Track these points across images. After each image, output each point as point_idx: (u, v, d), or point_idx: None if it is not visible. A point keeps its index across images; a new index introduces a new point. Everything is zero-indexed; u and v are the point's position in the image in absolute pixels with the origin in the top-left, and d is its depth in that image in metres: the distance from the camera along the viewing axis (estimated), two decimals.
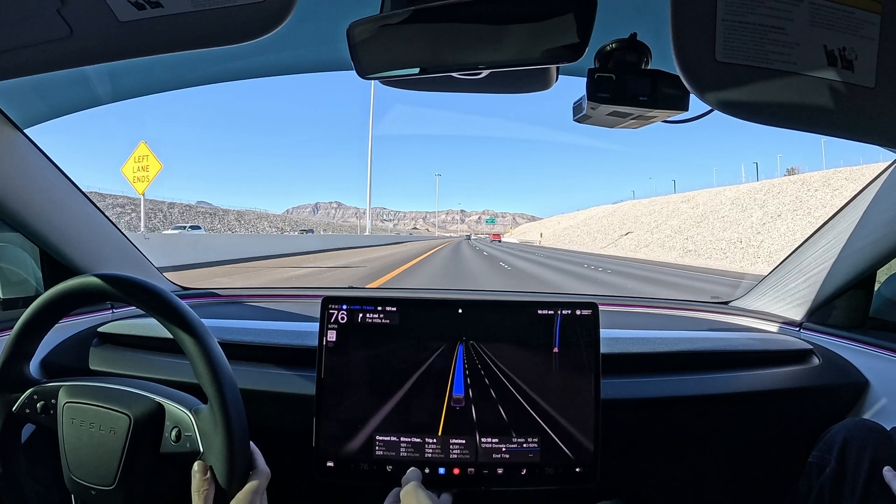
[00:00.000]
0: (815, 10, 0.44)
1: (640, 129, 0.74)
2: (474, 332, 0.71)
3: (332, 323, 0.72)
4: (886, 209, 0.87)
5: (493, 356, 0.71)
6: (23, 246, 1.01)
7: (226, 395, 0.53)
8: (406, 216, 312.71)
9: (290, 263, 11.01)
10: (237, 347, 0.88)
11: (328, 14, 0.79)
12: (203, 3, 0.44)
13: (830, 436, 0.75)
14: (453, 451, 0.69)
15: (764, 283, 1.22)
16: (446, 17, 0.51)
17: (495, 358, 0.71)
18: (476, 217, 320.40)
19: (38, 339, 0.63)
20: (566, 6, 0.48)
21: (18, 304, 0.99)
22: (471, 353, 0.71)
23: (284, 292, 1.43)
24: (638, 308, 1.33)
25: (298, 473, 0.81)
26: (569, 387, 0.70)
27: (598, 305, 0.73)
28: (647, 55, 0.65)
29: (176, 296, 0.56)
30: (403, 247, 29.53)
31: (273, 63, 1.02)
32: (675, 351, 0.91)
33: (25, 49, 0.49)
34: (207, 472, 0.53)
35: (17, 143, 0.85)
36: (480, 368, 0.71)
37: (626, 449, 0.91)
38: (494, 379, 0.70)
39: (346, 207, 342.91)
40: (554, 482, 0.69)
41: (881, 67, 0.46)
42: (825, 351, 0.97)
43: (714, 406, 0.88)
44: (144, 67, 0.94)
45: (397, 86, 0.66)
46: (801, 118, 0.48)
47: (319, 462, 0.70)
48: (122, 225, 8.20)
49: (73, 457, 0.56)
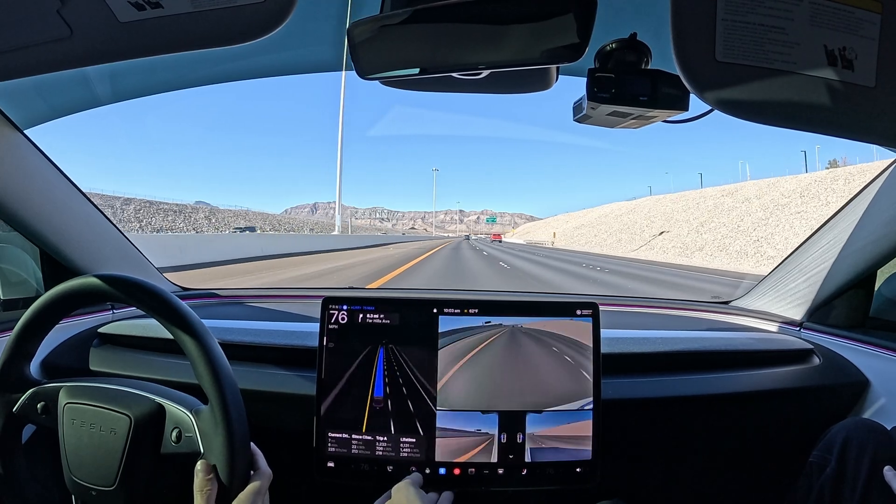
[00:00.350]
0: (816, 10, 0.44)
1: (652, 125, 0.73)
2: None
3: (332, 323, 0.72)
4: (886, 209, 0.87)
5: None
6: (23, 246, 1.01)
7: (226, 395, 0.53)
8: (405, 216, 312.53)
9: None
10: (237, 348, 0.88)
11: (328, 14, 0.79)
12: (203, 3, 0.44)
13: (831, 435, 0.75)
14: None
15: (764, 283, 1.22)
16: (446, 17, 0.51)
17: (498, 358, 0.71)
18: (475, 217, 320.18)
19: (39, 340, 0.63)
20: (566, 6, 0.48)
21: (19, 304, 0.99)
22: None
23: (284, 293, 1.43)
24: (638, 308, 1.33)
25: (299, 473, 0.81)
26: (569, 387, 0.70)
27: (598, 305, 0.73)
28: (647, 55, 0.65)
29: (176, 296, 0.56)
30: (379, 252, 20.12)
31: (273, 63, 1.03)
32: (676, 351, 0.91)
33: (26, 49, 0.49)
34: (211, 473, 0.53)
35: (17, 143, 0.85)
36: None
37: (627, 449, 0.91)
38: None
39: (345, 207, 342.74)
40: (554, 482, 0.69)
41: (881, 67, 0.46)
42: (826, 350, 0.97)
43: (714, 406, 0.87)
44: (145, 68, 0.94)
45: (397, 86, 0.66)
46: (802, 118, 0.48)
47: (320, 462, 0.70)
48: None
49: (74, 457, 0.56)
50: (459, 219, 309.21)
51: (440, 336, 0.71)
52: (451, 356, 0.71)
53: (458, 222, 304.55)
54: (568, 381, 0.71)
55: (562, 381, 0.71)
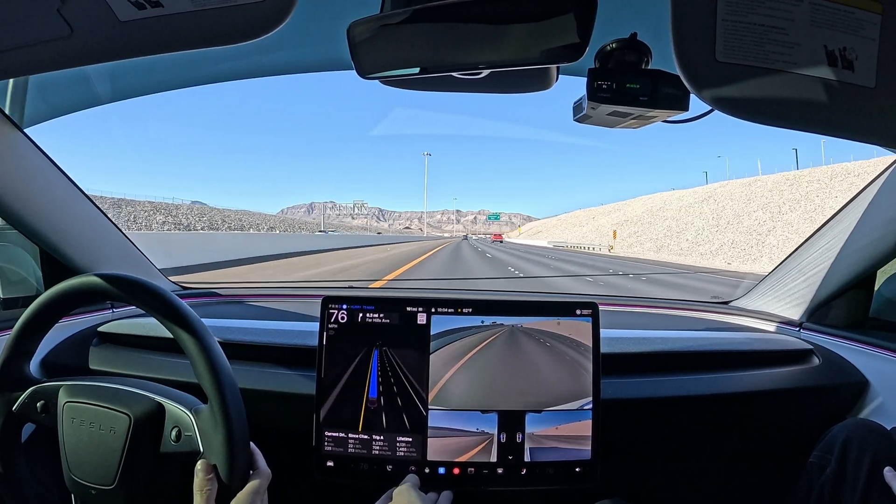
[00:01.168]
0: (816, 10, 0.44)
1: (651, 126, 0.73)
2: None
3: (332, 322, 0.72)
4: (886, 209, 0.87)
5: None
6: (23, 245, 1.01)
7: (226, 394, 0.53)
8: (401, 216, 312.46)
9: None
10: (237, 347, 0.88)
11: (328, 14, 0.79)
12: (203, 2, 0.44)
13: (831, 436, 0.75)
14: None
15: (764, 283, 1.22)
16: (446, 16, 0.51)
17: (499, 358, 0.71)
18: (472, 217, 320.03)
19: (39, 339, 0.63)
20: (566, 6, 0.48)
21: (18, 303, 0.99)
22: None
23: (284, 292, 1.44)
24: (638, 308, 1.33)
25: (298, 473, 0.81)
26: (569, 386, 0.71)
27: (598, 305, 0.73)
28: (648, 55, 0.65)
29: (176, 295, 0.56)
30: (347, 262, 13.72)
31: (273, 63, 1.03)
32: (676, 351, 0.91)
33: (26, 49, 0.49)
34: (211, 472, 0.53)
35: (17, 142, 0.85)
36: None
37: (626, 449, 0.91)
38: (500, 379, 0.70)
39: (341, 207, 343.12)
40: (554, 482, 0.69)
41: (881, 67, 0.46)
42: (825, 351, 0.97)
43: (714, 406, 0.87)
44: (145, 67, 0.94)
45: (397, 86, 0.66)
46: (802, 118, 0.48)
47: (319, 461, 0.70)
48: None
49: (74, 456, 0.56)
50: (456, 219, 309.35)
51: (439, 336, 0.71)
52: (450, 355, 0.71)
53: (455, 222, 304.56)
54: (568, 381, 0.71)
55: (561, 380, 0.71)
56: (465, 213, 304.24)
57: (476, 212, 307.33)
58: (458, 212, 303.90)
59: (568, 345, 0.72)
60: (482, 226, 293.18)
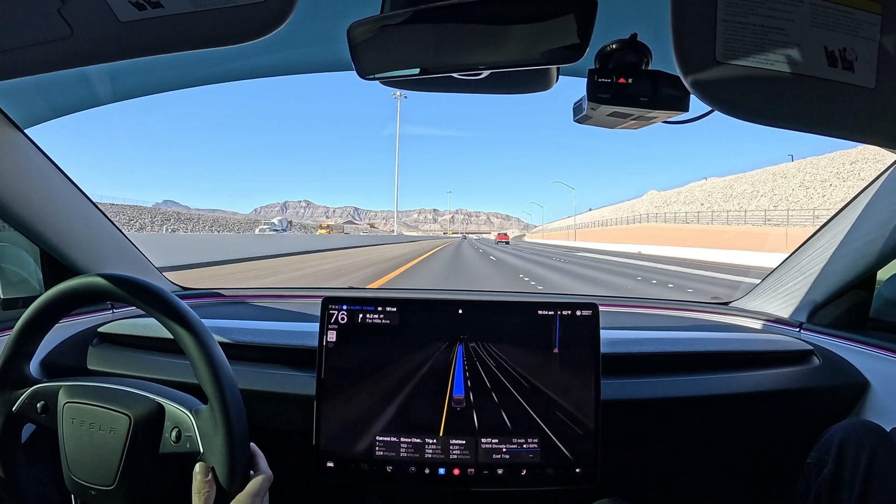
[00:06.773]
0: (816, 11, 0.44)
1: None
2: (474, 333, 0.71)
3: (332, 323, 0.72)
4: (886, 209, 0.87)
5: (493, 357, 0.71)
6: (23, 246, 1.01)
7: (226, 395, 0.53)
8: (377, 215, 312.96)
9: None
10: (237, 347, 0.88)
11: (328, 14, 0.79)
12: (204, 3, 0.44)
13: (828, 436, 0.75)
14: (453, 451, 0.69)
15: (764, 284, 1.22)
16: (447, 17, 0.51)
17: (495, 358, 0.71)
18: (449, 216, 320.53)
19: (39, 339, 0.63)
20: (566, 7, 0.48)
21: (19, 303, 0.99)
22: (471, 353, 0.71)
23: (285, 292, 1.43)
24: (638, 308, 1.33)
25: (299, 474, 0.81)
26: (569, 387, 0.70)
27: (598, 306, 0.73)
28: (648, 56, 0.65)
29: (176, 296, 0.56)
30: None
31: (273, 63, 1.02)
32: (675, 351, 0.91)
33: (26, 49, 0.49)
34: (209, 474, 0.53)
35: (17, 143, 0.85)
36: (481, 369, 0.71)
37: (626, 449, 0.91)
38: (495, 379, 0.70)
39: (316, 206, 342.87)
40: (554, 482, 0.69)
41: (881, 68, 0.46)
42: (825, 351, 0.97)
43: (714, 406, 0.87)
44: (145, 68, 0.94)
45: (397, 86, 0.66)
46: (802, 119, 0.48)
47: (320, 462, 0.70)
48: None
49: (73, 457, 0.56)
50: (433, 218, 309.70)
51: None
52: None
53: (432, 221, 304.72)
54: (568, 382, 0.71)
55: (562, 381, 0.71)
56: (441, 212, 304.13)
57: (454, 211, 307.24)
58: (434, 211, 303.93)
59: (568, 345, 0.72)
60: (460, 225, 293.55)
